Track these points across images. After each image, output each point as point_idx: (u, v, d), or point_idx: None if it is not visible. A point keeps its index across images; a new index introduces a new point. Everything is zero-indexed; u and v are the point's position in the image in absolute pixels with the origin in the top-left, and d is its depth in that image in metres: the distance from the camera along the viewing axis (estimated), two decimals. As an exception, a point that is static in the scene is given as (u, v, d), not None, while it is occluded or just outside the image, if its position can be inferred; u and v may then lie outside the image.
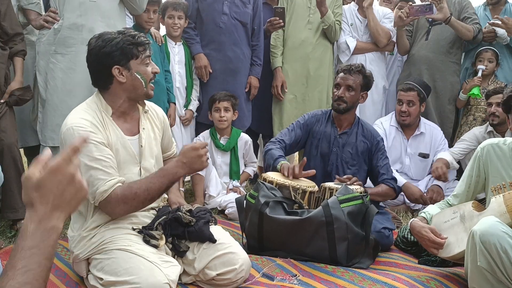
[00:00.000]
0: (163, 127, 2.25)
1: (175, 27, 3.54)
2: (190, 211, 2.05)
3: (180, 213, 2.01)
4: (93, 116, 1.97)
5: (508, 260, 1.74)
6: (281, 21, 3.75)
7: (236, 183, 3.46)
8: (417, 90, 3.53)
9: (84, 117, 1.94)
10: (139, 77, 1.99)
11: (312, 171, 2.59)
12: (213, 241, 1.99)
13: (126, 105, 2.05)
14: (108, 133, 1.98)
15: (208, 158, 1.96)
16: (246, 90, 3.77)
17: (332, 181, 2.80)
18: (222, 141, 3.52)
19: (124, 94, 2.02)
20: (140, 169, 2.08)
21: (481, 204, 2.15)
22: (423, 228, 2.15)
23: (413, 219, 2.27)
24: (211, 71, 3.65)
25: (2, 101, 2.65)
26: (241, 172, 3.58)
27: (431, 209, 2.30)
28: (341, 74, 2.89)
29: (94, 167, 1.88)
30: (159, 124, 2.23)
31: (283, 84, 3.87)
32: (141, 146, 2.09)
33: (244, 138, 3.59)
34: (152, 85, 2.07)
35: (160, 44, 3.48)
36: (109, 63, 1.96)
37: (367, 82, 2.91)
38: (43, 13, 2.97)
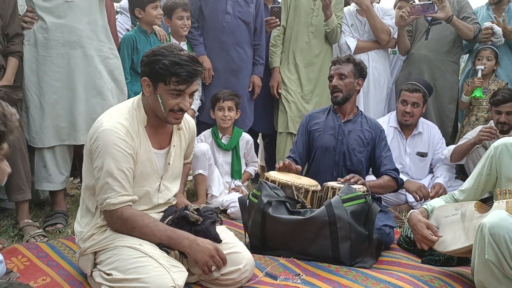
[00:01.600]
0: (189, 140, 2.28)
1: (184, 28, 3.54)
2: (197, 210, 2.05)
3: (187, 211, 2.01)
4: (130, 123, 1.98)
5: None
6: (277, 20, 3.82)
7: (238, 182, 3.46)
8: (423, 91, 3.52)
9: (122, 122, 1.96)
10: (160, 100, 1.97)
11: (299, 167, 2.74)
12: (219, 241, 1.99)
13: (155, 119, 2.05)
14: (138, 144, 1.99)
15: (214, 270, 1.91)
16: (250, 89, 3.77)
17: (340, 170, 2.84)
18: (224, 140, 3.52)
19: (150, 108, 2.03)
20: (160, 184, 2.10)
21: (485, 204, 2.15)
22: (420, 222, 2.15)
23: (413, 210, 2.25)
24: (213, 73, 3.65)
25: None
26: (242, 171, 3.58)
27: (434, 202, 2.29)
28: (332, 67, 2.99)
29: (114, 176, 1.90)
30: (188, 138, 2.26)
31: (278, 84, 3.90)
32: (169, 163, 2.11)
33: (246, 137, 3.59)
34: (180, 113, 2.01)
35: (164, 42, 3.48)
36: (142, 71, 2.00)
37: (359, 69, 2.96)
38: (21, 13, 2.91)
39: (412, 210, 2.25)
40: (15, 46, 2.76)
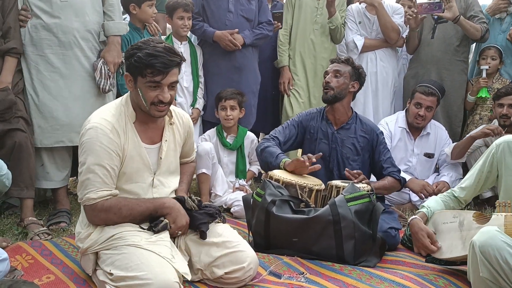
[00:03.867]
0: (185, 136, 2.27)
1: (185, 28, 3.56)
2: (199, 201, 2.07)
3: (186, 197, 2.05)
4: (117, 119, 1.99)
5: (510, 269, 1.73)
6: (279, 24, 3.92)
7: (242, 181, 3.46)
8: (437, 95, 3.48)
9: (108, 119, 1.98)
10: (140, 94, 1.98)
11: (318, 166, 2.62)
12: (204, 237, 2.02)
13: (144, 115, 2.05)
14: (126, 140, 2.00)
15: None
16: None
17: (334, 178, 2.81)
18: (229, 139, 3.51)
19: (135, 103, 2.04)
20: (153, 179, 2.10)
21: (483, 215, 2.14)
22: (421, 231, 2.16)
23: (414, 216, 2.25)
24: (236, 31, 3.56)
25: None
26: (246, 171, 3.57)
27: (432, 204, 2.28)
28: (330, 65, 2.96)
29: (95, 172, 1.92)
30: (183, 133, 2.25)
31: (289, 81, 3.91)
32: (160, 158, 2.11)
33: (251, 137, 3.59)
34: (162, 106, 2.00)
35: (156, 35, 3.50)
36: (126, 67, 2.02)
37: (357, 73, 2.90)
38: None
39: (413, 217, 2.25)
40: (10, 42, 2.71)
